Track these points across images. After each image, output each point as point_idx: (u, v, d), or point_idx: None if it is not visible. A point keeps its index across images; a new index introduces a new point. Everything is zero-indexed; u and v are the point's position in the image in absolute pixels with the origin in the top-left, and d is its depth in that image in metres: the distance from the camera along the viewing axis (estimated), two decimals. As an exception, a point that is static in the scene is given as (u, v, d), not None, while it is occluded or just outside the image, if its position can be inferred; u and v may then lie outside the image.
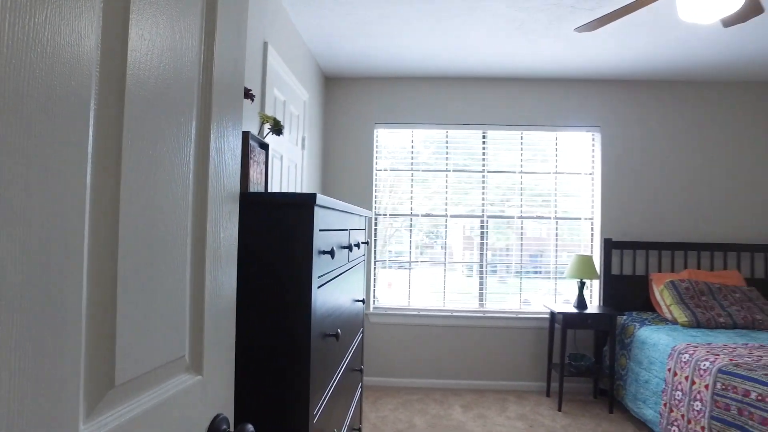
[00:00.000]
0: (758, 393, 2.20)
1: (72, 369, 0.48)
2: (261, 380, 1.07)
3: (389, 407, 3.46)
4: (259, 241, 1.06)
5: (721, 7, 1.98)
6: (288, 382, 1.08)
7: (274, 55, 2.53)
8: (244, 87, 0.78)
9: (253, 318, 1.06)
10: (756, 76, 3.81)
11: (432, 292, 4.09)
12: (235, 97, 0.87)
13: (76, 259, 0.48)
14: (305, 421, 1.11)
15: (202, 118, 0.78)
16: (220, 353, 0.84)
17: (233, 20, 0.87)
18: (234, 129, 0.86)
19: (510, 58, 3.53)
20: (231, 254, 0.87)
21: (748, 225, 3.96)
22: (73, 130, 0.48)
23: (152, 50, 0.62)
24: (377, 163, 4.10)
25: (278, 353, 1.08)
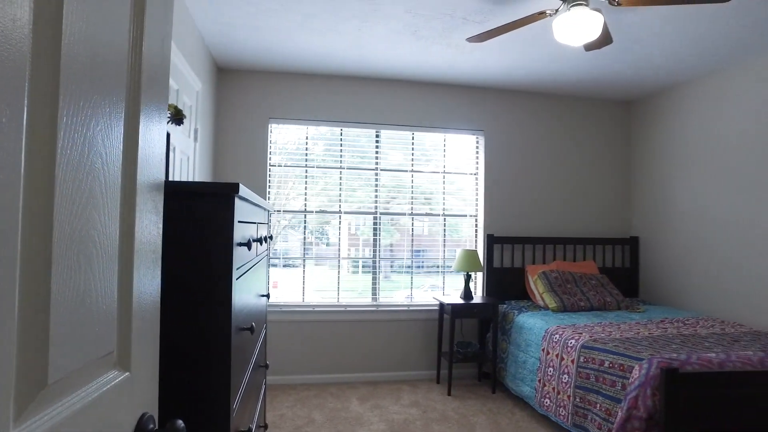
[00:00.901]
0: (610, 361, 2.57)
1: (1, 369, 0.43)
2: (180, 375, 1.03)
3: (286, 405, 3.44)
4: (178, 231, 1.02)
5: (585, 34, 2.29)
6: (209, 376, 1.06)
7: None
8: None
9: (172, 311, 1.02)
10: (606, 96, 4.41)
11: (319, 290, 4.12)
12: (163, 78, 0.83)
13: (8, 250, 0.44)
14: (226, 416, 1.09)
15: (132, 97, 0.74)
16: (146, 348, 0.81)
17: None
18: (161, 112, 0.83)
19: (404, 61, 3.68)
20: (157, 245, 0.83)
21: (600, 222, 4.56)
22: (7, 103, 0.44)
23: (86, 24, 0.58)
24: (271, 158, 4.03)
25: (199, 346, 1.05)
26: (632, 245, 4.51)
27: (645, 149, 4.47)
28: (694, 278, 3.90)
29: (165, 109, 0.89)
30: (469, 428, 3.09)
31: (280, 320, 3.92)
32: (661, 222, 4.27)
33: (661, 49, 3.31)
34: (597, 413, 2.56)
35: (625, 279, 4.49)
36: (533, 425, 3.16)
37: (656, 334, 3.00)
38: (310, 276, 4.10)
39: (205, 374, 1.05)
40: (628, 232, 4.63)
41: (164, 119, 0.86)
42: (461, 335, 4.21)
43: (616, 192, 4.62)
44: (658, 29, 2.99)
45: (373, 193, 4.21)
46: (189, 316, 1.04)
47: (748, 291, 3.45)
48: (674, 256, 4.11)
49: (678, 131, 4.10)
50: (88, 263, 0.59)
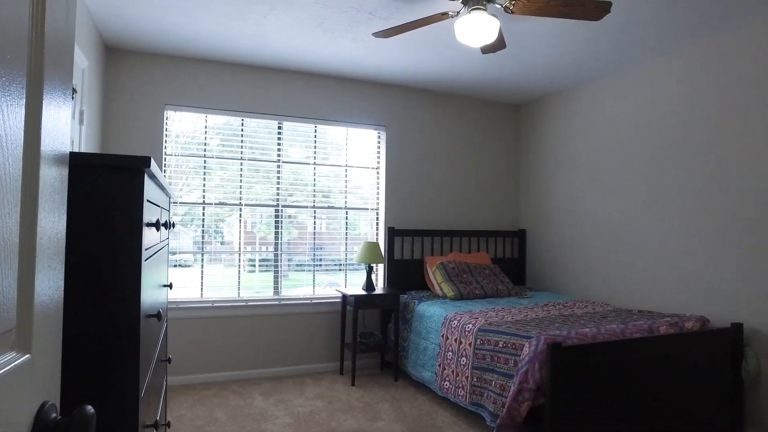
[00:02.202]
0: (503, 342, 2.79)
1: None
2: (86, 362, 0.95)
3: (185, 405, 3.26)
4: (83, 207, 0.94)
5: (483, 37, 2.46)
6: (117, 363, 0.99)
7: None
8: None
9: (78, 293, 0.93)
10: (499, 99, 4.74)
11: (216, 289, 3.97)
12: (68, 54, 0.76)
13: None
14: (135, 406, 1.03)
15: (35, 67, 0.67)
16: (49, 329, 0.74)
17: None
18: (66, 90, 0.75)
19: (309, 53, 3.66)
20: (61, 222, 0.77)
21: (492, 216, 4.90)
22: None
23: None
24: (167, 147, 3.79)
25: (106, 331, 0.97)
26: (520, 237, 4.91)
27: (531, 150, 4.88)
28: (571, 266, 4.35)
29: (70, 87, 0.82)
30: (374, 415, 3.17)
31: (178, 317, 3.70)
32: (544, 216, 4.70)
33: (546, 58, 3.65)
34: (492, 390, 2.76)
35: (514, 268, 4.87)
36: (434, 408, 3.32)
37: (541, 315, 3.30)
38: (206, 275, 3.91)
39: (113, 361, 0.98)
40: (517, 225, 5.02)
41: (69, 97, 0.79)
42: (364, 326, 4.29)
43: (506, 188, 4.98)
44: (545, 40, 3.28)
45: (275, 187, 4.13)
46: (96, 299, 0.96)
47: (612, 276, 3.92)
48: (555, 248, 4.55)
49: (559, 134, 4.54)
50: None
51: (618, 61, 3.68)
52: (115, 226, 0.99)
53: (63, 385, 0.89)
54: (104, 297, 0.98)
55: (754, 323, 2.97)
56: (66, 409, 0.88)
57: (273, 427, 2.95)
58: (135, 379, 1.02)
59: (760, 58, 2.96)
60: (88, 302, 0.95)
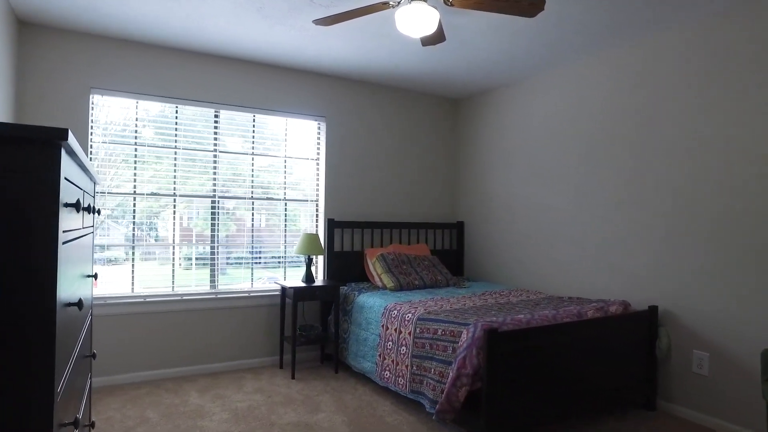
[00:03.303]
0: (442, 329, 2.85)
1: None
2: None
3: (114, 407, 3.08)
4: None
5: (423, 27, 2.49)
6: (28, 354, 0.91)
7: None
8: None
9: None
10: (438, 92, 4.82)
11: (148, 287, 3.79)
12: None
13: None
14: (49, 403, 0.95)
15: None
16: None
17: None
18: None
19: (248, 39, 3.55)
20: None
21: (431, 208, 4.99)
22: None
23: None
24: (93, 134, 3.55)
25: (15, 320, 0.90)
26: (458, 229, 5.02)
27: (469, 143, 5.00)
28: (507, 257, 4.51)
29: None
30: (314, 407, 3.14)
31: (106, 314, 3.49)
32: (481, 208, 4.83)
33: (483, 54, 3.74)
34: (431, 377, 2.82)
35: (453, 259, 4.99)
36: (375, 398, 3.34)
37: (479, 304, 3.40)
38: (138, 271, 3.71)
39: (24, 352, 0.91)
40: (455, 217, 5.14)
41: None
42: (303, 319, 4.24)
43: (445, 181, 5.08)
44: (482, 35, 3.37)
45: (212, 178, 3.99)
46: (5, 284, 0.88)
47: (545, 265, 4.10)
48: (491, 239, 4.69)
49: (495, 129, 4.68)
50: None
51: (551, 59, 3.84)
52: (26, 205, 0.91)
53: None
54: (14, 282, 0.90)
55: (668, 305, 3.21)
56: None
57: (210, 424, 2.86)
58: (50, 373, 0.95)
59: (679, 60, 3.19)
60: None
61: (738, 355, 2.86)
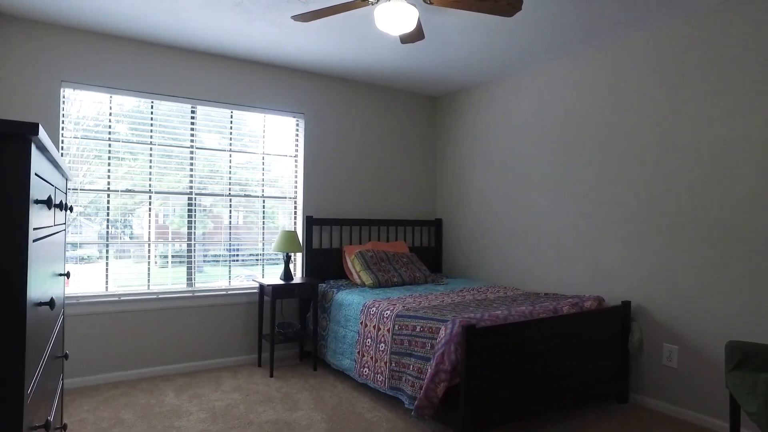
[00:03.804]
0: (421, 326, 2.87)
1: None
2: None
3: (87, 408, 3.02)
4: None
5: (402, 25, 2.50)
6: (0, 353, 0.89)
7: None
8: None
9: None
10: (417, 90, 4.84)
11: (123, 285, 3.72)
12: None
13: None
14: (19, 403, 0.93)
15: None
16: None
17: None
18: None
19: (226, 35, 3.51)
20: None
21: (409, 205, 5.01)
22: None
23: None
24: (64, 128, 3.47)
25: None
26: (437, 226, 5.06)
27: (448, 141, 5.04)
28: (485, 254, 4.56)
29: None
30: (293, 405, 3.13)
31: (79, 314, 3.42)
32: (459, 206, 4.87)
33: (462, 52, 3.77)
34: (410, 374, 2.83)
35: (431, 256, 5.02)
36: (354, 395, 3.35)
37: (457, 300, 3.43)
38: (113, 270, 3.64)
39: (-5, 351, 0.89)
40: (433, 214, 5.17)
41: None
42: (282, 316, 4.22)
43: (423, 178, 5.11)
44: (461, 34, 3.39)
45: (188, 175, 3.93)
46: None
47: (522, 262, 4.16)
48: (469, 236, 4.74)
49: (474, 127, 4.72)
50: None
51: (529, 59, 3.89)
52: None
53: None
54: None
55: (640, 300, 3.29)
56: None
57: (187, 424, 2.82)
58: (19, 374, 0.93)
59: (651, 61, 3.26)
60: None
61: (705, 347, 2.95)
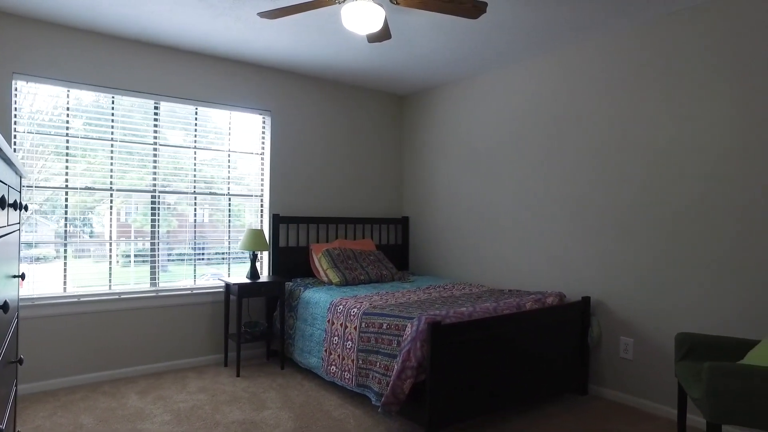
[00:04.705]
0: (387, 324, 2.90)
1: None
2: None
3: (43, 414, 2.93)
4: None
5: (368, 24, 2.52)
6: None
7: None
8: None
9: None
10: (384, 88, 4.86)
11: (83, 285, 3.62)
12: None
13: None
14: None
15: None
16: None
17: None
18: None
19: (190, 30, 3.44)
20: None
21: (376, 203, 5.04)
22: None
23: None
24: (17, 123, 3.33)
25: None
26: (404, 224, 5.10)
27: (414, 140, 5.08)
28: (451, 251, 4.63)
29: None
30: (260, 404, 3.12)
31: (35, 316, 3.30)
32: (425, 204, 4.93)
33: (429, 51, 3.81)
34: (377, 371, 2.86)
35: (398, 254, 5.06)
36: (321, 393, 3.36)
37: (423, 298, 3.48)
38: (71, 270, 3.52)
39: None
40: (400, 212, 5.21)
41: None
42: (248, 315, 4.19)
43: (390, 176, 5.14)
44: (427, 33, 3.43)
45: (151, 172, 3.84)
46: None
47: (487, 259, 4.26)
48: (436, 234, 4.80)
49: (440, 125, 4.78)
50: None
51: (494, 59, 3.97)
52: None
53: None
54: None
55: (599, 296, 3.42)
56: None
57: (151, 426, 2.77)
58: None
59: (607, 64, 3.39)
60: None
61: (658, 339, 3.10)
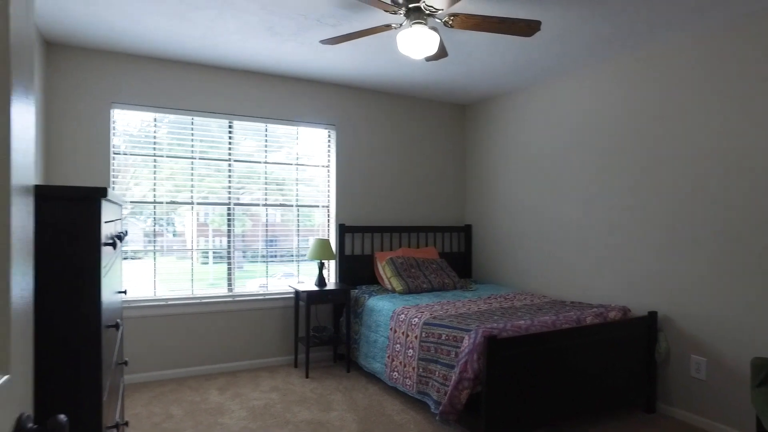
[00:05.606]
0: (446, 334, 2.99)
1: None
2: (52, 373, 1.05)
3: (141, 403, 3.30)
4: (47, 233, 1.02)
5: (423, 49, 2.62)
6: (80, 373, 1.08)
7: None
8: None
9: (45, 309, 1.03)
10: (446, 99, 4.94)
11: (166, 280, 3.99)
12: (28, 54, 0.80)
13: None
14: (98, 412, 1.13)
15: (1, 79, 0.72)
16: (23, 349, 0.84)
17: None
18: (29, 94, 0.81)
19: (259, 54, 3.71)
20: (30, 249, 0.86)
21: (439, 212, 5.12)
22: None
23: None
24: (114, 145, 3.76)
25: (70, 345, 1.07)
26: (466, 232, 5.15)
27: (477, 148, 5.12)
28: (513, 260, 4.63)
29: (32, 90, 0.87)
30: (327, 406, 3.32)
31: (132, 316, 3.71)
32: (488, 212, 4.95)
33: (487, 65, 3.85)
34: (436, 380, 2.97)
35: (460, 262, 5.12)
36: (384, 397, 3.51)
37: (483, 308, 3.53)
38: (158, 270, 3.93)
39: (77, 372, 1.08)
40: (463, 220, 5.26)
41: (32, 102, 0.84)
42: (317, 320, 4.42)
43: (453, 185, 5.21)
44: (484, 48, 3.48)
45: (226, 183, 4.17)
46: (61, 316, 1.05)
47: (549, 269, 4.22)
48: (498, 242, 4.81)
49: (503, 134, 4.78)
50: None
51: (556, 68, 3.93)
52: (76, 249, 1.08)
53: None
54: (69, 313, 1.07)
55: (667, 311, 3.31)
56: (36, 418, 0.97)
57: (229, 421, 3.05)
58: (98, 387, 1.13)
59: (681, 70, 3.27)
60: (54, 319, 1.05)
61: (733, 360, 2.96)
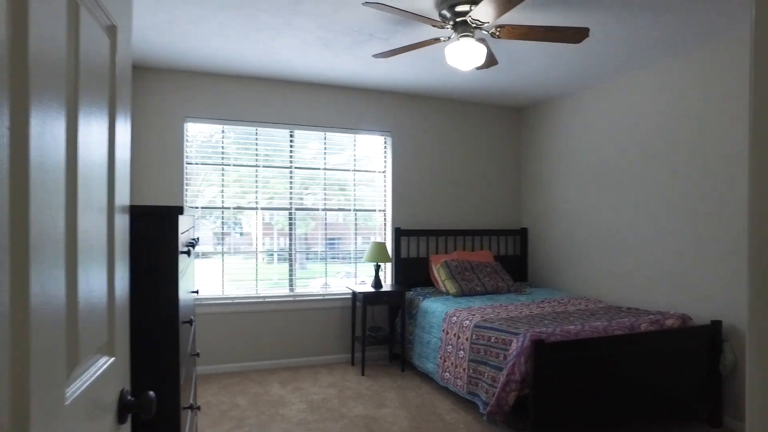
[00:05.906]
0: (495, 337, 3.05)
1: (59, 351, 0.66)
2: (141, 358, 1.26)
3: (210, 393, 3.61)
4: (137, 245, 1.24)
5: (471, 61, 2.70)
6: (164, 359, 1.29)
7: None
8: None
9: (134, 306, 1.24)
10: (500, 103, 4.96)
11: (235, 280, 4.30)
12: (126, 82, 1.02)
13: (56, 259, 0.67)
14: (177, 393, 1.33)
15: (109, 101, 0.93)
16: (123, 338, 1.04)
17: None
18: (126, 121, 1.03)
19: (316, 67, 3.93)
20: (126, 256, 1.07)
21: (494, 215, 5.14)
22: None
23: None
24: (187, 156, 4.11)
25: (156, 337, 1.28)
26: (522, 236, 5.14)
27: (532, 151, 5.10)
28: (569, 264, 4.58)
29: (129, 115, 1.08)
30: (380, 403, 3.47)
31: (203, 313, 4.05)
32: (544, 216, 4.92)
33: (538, 70, 3.86)
34: (485, 381, 3.04)
35: (516, 265, 5.11)
36: (436, 396, 3.61)
37: (535, 312, 3.55)
38: (226, 266, 4.26)
39: (161, 358, 1.29)
40: (518, 224, 5.25)
41: (129, 127, 1.06)
42: (373, 320, 4.59)
43: (508, 188, 5.21)
44: (534, 54, 3.50)
45: (288, 189, 4.44)
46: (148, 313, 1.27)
47: (605, 274, 4.14)
48: (555, 246, 4.78)
49: (558, 136, 4.74)
50: (91, 272, 0.83)
51: (607, 72, 3.88)
52: (158, 257, 1.29)
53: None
54: (152, 309, 1.28)
55: (733, 320, 3.18)
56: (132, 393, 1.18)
57: (289, 413, 3.28)
58: (176, 372, 1.33)
59: (736, 70, 3.15)
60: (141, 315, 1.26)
61: (803, 371, 2.81)
